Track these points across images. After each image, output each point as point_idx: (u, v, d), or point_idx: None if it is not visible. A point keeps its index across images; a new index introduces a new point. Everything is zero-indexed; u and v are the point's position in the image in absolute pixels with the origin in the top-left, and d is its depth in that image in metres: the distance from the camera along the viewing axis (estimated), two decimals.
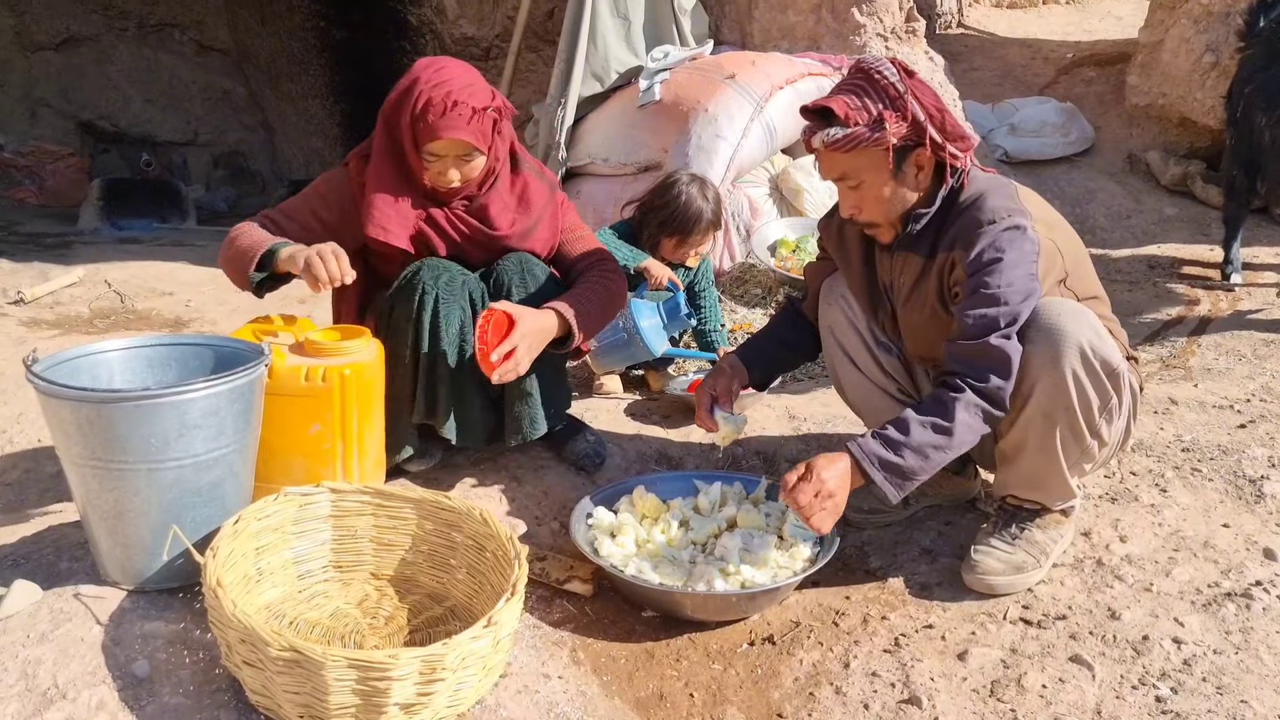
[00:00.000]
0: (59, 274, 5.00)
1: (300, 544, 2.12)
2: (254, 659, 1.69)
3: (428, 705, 1.73)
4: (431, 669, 1.69)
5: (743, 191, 4.36)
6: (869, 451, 2.06)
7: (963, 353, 2.10)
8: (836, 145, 2.13)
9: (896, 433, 2.07)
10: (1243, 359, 3.59)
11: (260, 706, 1.76)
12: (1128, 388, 2.22)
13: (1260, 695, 1.91)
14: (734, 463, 2.90)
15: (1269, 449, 2.79)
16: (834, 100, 2.14)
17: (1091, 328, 2.12)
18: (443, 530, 2.15)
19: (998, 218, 2.13)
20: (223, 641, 1.77)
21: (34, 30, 7.79)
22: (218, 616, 1.75)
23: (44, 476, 2.76)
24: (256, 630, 1.65)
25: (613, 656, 2.13)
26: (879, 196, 2.20)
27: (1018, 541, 2.28)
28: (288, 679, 1.66)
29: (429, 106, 2.33)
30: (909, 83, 2.13)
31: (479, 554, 2.08)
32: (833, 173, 2.22)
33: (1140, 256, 4.91)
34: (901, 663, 2.06)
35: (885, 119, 2.10)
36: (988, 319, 2.07)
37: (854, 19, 5.20)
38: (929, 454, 2.06)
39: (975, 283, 2.11)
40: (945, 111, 2.17)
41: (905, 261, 2.29)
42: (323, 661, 1.63)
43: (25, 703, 1.74)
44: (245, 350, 2.18)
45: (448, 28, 6.48)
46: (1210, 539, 2.41)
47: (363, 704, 1.67)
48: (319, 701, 1.67)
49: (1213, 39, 5.45)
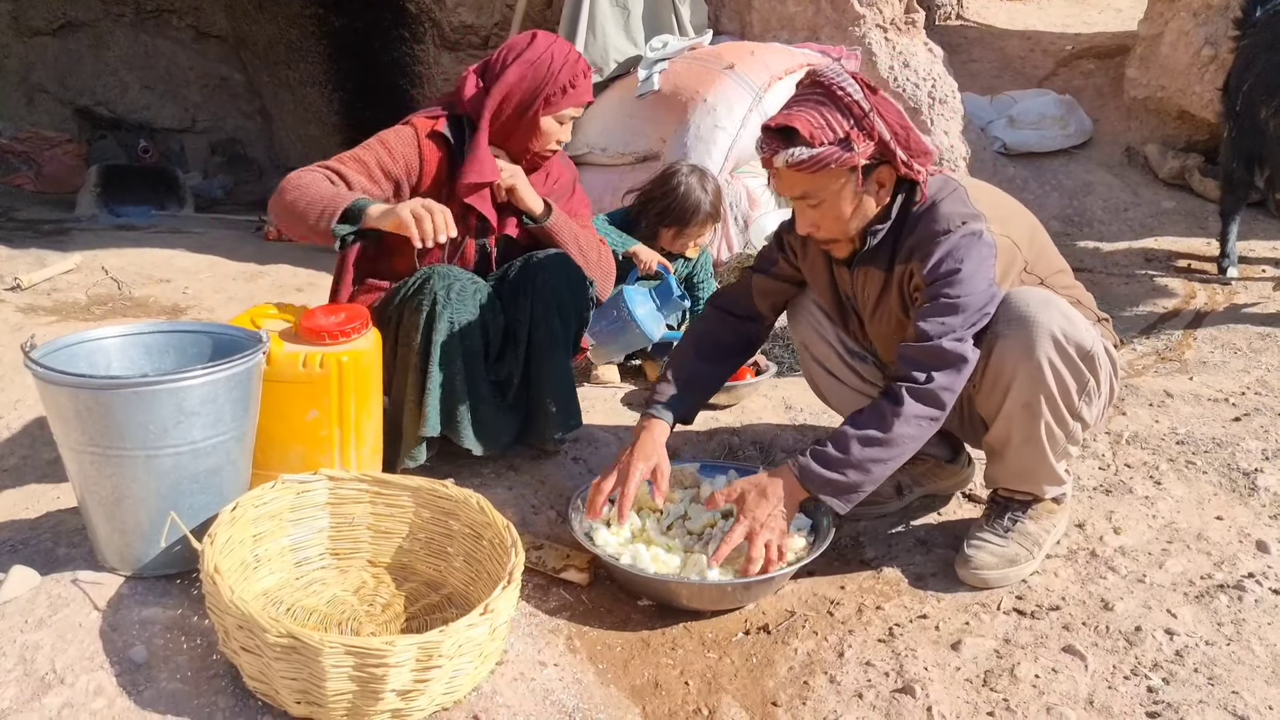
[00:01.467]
0: (56, 260, 4.99)
1: (298, 531, 2.13)
2: (252, 645, 1.70)
3: (424, 692, 1.73)
4: (428, 656, 1.69)
5: (741, 182, 4.36)
6: (812, 476, 2.10)
7: (912, 353, 2.10)
8: (801, 166, 2.06)
9: (836, 451, 2.09)
10: (1238, 352, 3.60)
11: (258, 693, 1.77)
12: (1103, 365, 2.22)
13: (1251, 686, 1.92)
14: (731, 452, 2.90)
15: (1263, 442, 2.81)
16: (796, 118, 2.05)
17: (1062, 314, 2.12)
18: (440, 518, 2.16)
19: (952, 225, 2.11)
20: (220, 628, 1.78)
21: (31, 15, 7.76)
22: (215, 603, 1.76)
23: (41, 463, 2.77)
24: (254, 617, 1.66)
25: (608, 645, 2.14)
26: (839, 215, 2.15)
27: (1010, 534, 2.29)
28: (285, 665, 1.67)
29: (572, 72, 2.54)
30: (873, 100, 2.07)
31: (476, 542, 2.09)
32: (793, 191, 2.15)
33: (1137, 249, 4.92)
34: (896, 652, 2.07)
35: (852, 138, 2.05)
36: (944, 326, 2.08)
37: (853, 9, 5.19)
38: (870, 468, 2.09)
39: (933, 292, 2.10)
40: (910, 129, 2.12)
41: (866, 275, 2.27)
42: (320, 648, 1.63)
43: (23, 687, 1.74)
44: (243, 338, 2.18)
45: (446, 15, 6.46)
46: (1204, 531, 2.42)
47: (360, 690, 1.68)
48: (316, 688, 1.67)
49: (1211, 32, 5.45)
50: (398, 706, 1.72)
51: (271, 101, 8.26)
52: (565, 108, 2.57)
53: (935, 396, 2.07)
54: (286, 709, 1.74)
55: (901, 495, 2.58)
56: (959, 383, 2.10)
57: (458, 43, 6.51)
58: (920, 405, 2.07)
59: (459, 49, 6.52)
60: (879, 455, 2.08)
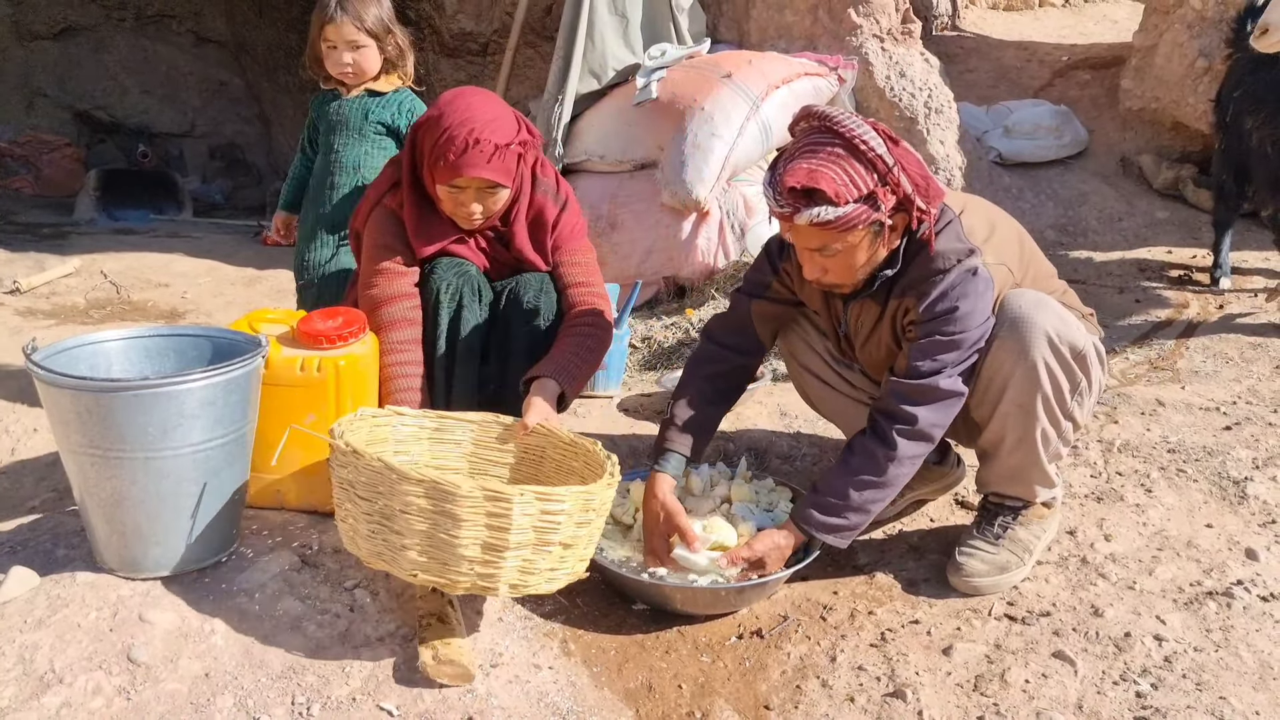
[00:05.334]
0: (55, 264, 5.01)
1: (405, 447, 2.27)
2: (389, 508, 1.84)
3: (580, 544, 1.96)
4: (586, 507, 1.93)
5: (738, 190, 4.38)
6: (816, 524, 2.19)
7: (904, 389, 2.14)
8: (828, 226, 2.00)
9: (834, 499, 2.17)
10: (1230, 362, 3.62)
11: (371, 563, 1.92)
12: (1093, 363, 2.24)
13: (1239, 692, 1.94)
14: (725, 459, 2.92)
15: (1253, 451, 2.83)
16: (821, 178, 1.97)
17: (1055, 314, 2.16)
18: (535, 450, 2.33)
19: (949, 265, 2.11)
20: (337, 494, 1.95)
21: (32, 20, 7.78)
22: (339, 457, 1.91)
23: (41, 465, 2.78)
24: (428, 472, 1.83)
25: (603, 648, 2.15)
26: (852, 265, 2.12)
27: (1001, 541, 2.31)
28: (423, 523, 1.83)
29: (451, 143, 2.31)
30: (896, 153, 2.02)
31: (572, 459, 2.25)
32: (809, 244, 2.10)
33: (1131, 259, 4.94)
34: (887, 657, 2.09)
35: (878, 196, 2.01)
36: (938, 363, 2.12)
37: (851, 19, 5.22)
38: (869, 509, 2.19)
39: (929, 329, 2.12)
40: (929, 178, 2.09)
41: (862, 308, 2.26)
42: (510, 496, 1.81)
43: (22, 686, 1.76)
44: (242, 341, 2.20)
45: (446, 23, 6.48)
46: (1193, 539, 2.44)
47: (536, 540, 1.87)
48: (495, 537, 1.83)
49: (1205, 44, 5.48)
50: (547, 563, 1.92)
51: (270, 106, 8.29)
52: (448, 180, 2.37)
53: (925, 435, 2.15)
54: (402, 572, 1.87)
55: (893, 503, 2.60)
56: (949, 418, 2.16)
57: (457, 50, 6.53)
58: (912, 445, 2.15)
59: (458, 56, 6.55)
60: (875, 497, 2.18)
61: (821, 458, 2.92)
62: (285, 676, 1.88)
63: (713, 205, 4.27)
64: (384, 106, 3.04)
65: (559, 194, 2.60)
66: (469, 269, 2.52)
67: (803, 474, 2.84)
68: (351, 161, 3.04)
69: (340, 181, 3.04)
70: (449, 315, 2.49)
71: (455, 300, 2.48)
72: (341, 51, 2.96)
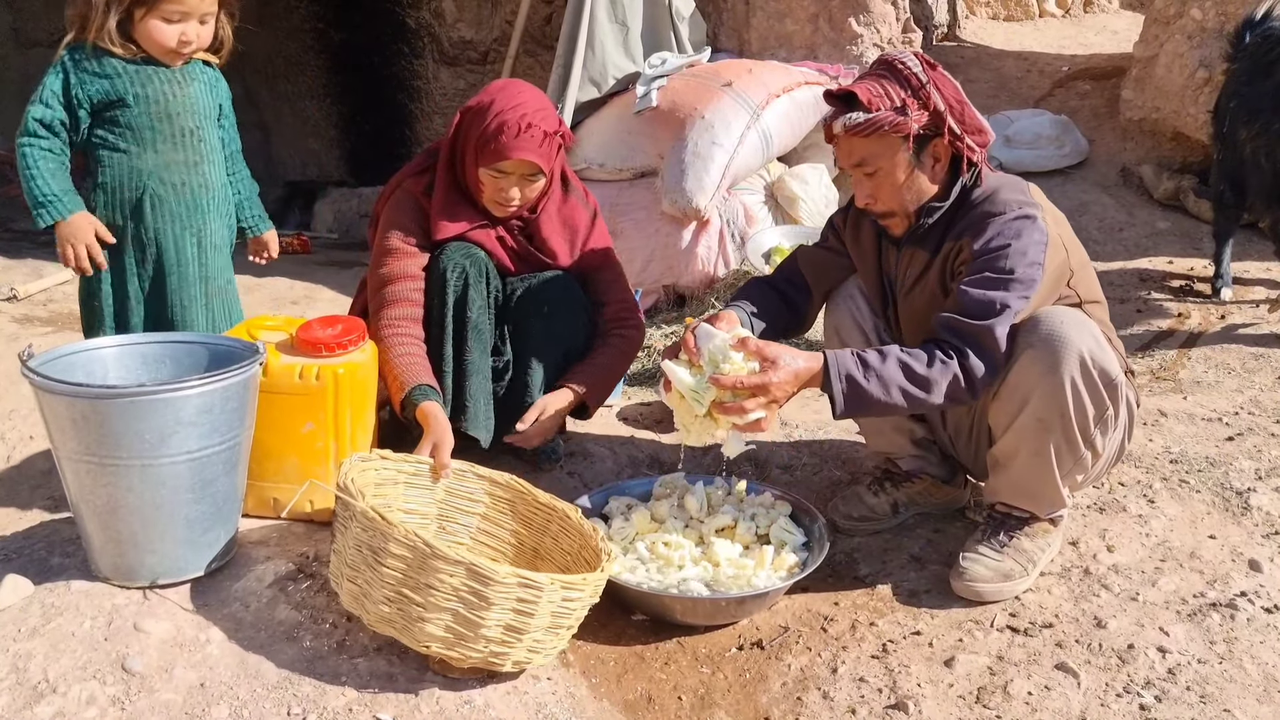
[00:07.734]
0: (52, 271, 4.99)
1: (383, 491, 2.21)
2: (390, 571, 1.82)
3: (564, 629, 1.96)
4: (595, 592, 1.97)
5: (738, 199, 4.37)
6: (841, 362, 2.11)
7: (961, 327, 2.13)
8: (858, 130, 2.17)
9: (875, 357, 2.12)
10: (1232, 372, 3.61)
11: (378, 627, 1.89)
12: (1125, 401, 2.24)
13: (1243, 705, 1.93)
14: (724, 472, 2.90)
15: (1256, 461, 2.81)
16: (857, 86, 2.20)
17: (1093, 336, 2.15)
18: (541, 524, 2.30)
19: (1008, 209, 2.19)
20: (346, 550, 1.90)
21: (31, 28, 7.78)
22: (362, 520, 1.84)
23: (36, 472, 2.77)
24: (432, 543, 1.80)
25: (602, 659, 2.14)
26: (895, 184, 2.22)
27: (1006, 549, 2.29)
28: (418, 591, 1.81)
29: (504, 127, 2.42)
30: (931, 74, 2.19)
31: (567, 542, 2.24)
32: (851, 158, 2.24)
33: (1132, 269, 4.93)
34: (889, 668, 2.07)
35: (908, 106, 2.16)
36: (988, 300, 2.12)
37: (851, 29, 5.22)
38: (892, 391, 2.10)
39: (981, 264, 2.16)
40: (965, 104, 2.23)
41: (912, 256, 2.33)
42: (541, 584, 1.84)
43: (16, 696, 1.74)
44: (240, 349, 2.19)
45: (446, 31, 6.49)
46: (1196, 550, 2.43)
47: (551, 623, 1.91)
48: (519, 621, 1.85)
49: (1206, 54, 5.48)
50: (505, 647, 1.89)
51: (270, 114, 8.27)
52: (494, 162, 2.46)
53: (976, 380, 2.11)
54: (414, 642, 1.87)
55: (897, 513, 2.59)
56: (986, 382, 2.14)
57: (457, 58, 6.54)
58: (964, 375, 2.10)
59: (458, 64, 6.55)
60: (906, 387, 2.10)
61: (822, 467, 2.91)
62: (281, 686, 1.86)
63: (713, 214, 4.27)
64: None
65: (588, 202, 2.74)
66: (477, 253, 2.56)
67: (803, 484, 2.83)
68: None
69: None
70: (455, 295, 2.51)
71: (461, 280, 2.51)
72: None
